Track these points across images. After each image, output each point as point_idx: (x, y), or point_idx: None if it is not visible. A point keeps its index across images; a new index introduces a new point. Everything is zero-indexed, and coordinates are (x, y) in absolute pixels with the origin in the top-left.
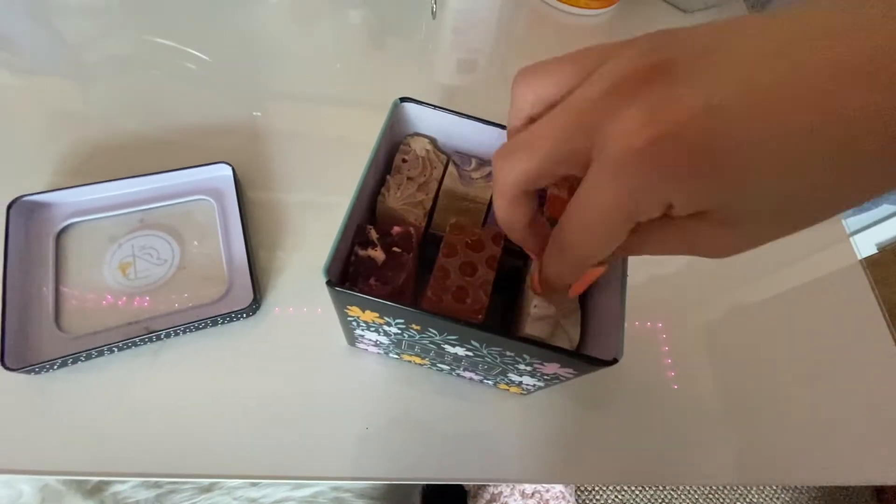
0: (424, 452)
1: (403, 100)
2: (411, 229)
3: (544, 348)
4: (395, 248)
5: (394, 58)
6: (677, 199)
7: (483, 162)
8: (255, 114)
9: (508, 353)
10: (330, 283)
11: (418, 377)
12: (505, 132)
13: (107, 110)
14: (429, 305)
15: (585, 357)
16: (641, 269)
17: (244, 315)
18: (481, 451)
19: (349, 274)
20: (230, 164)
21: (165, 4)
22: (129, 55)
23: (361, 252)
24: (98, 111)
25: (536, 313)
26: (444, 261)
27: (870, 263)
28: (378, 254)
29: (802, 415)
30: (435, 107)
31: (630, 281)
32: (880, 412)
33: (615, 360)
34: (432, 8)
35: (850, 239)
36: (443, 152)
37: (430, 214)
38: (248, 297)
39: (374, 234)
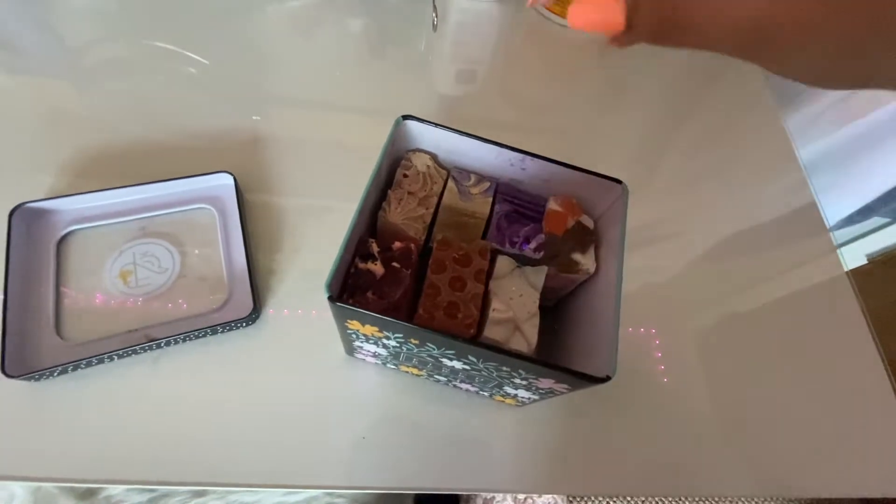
0: (420, 462)
1: (406, 117)
2: (411, 246)
3: (538, 364)
4: (394, 264)
5: (394, 67)
6: None
7: (482, 178)
8: (254, 118)
9: (504, 368)
10: (331, 299)
11: (415, 388)
12: (502, 150)
13: (108, 115)
14: (421, 322)
15: (578, 374)
16: (637, 277)
17: (244, 324)
18: (476, 462)
19: (348, 286)
20: (231, 174)
21: (168, 9)
22: (131, 59)
23: (361, 265)
24: (99, 116)
25: (495, 317)
26: (434, 277)
27: (860, 274)
28: (378, 268)
29: (792, 425)
30: (436, 125)
31: (625, 289)
32: (864, 422)
33: (608, 378)
34: (433, 21)
35: (838, 251)
36: (443, 167)
37: (430, 228)
38: (248, 306)
39: (374, 248)
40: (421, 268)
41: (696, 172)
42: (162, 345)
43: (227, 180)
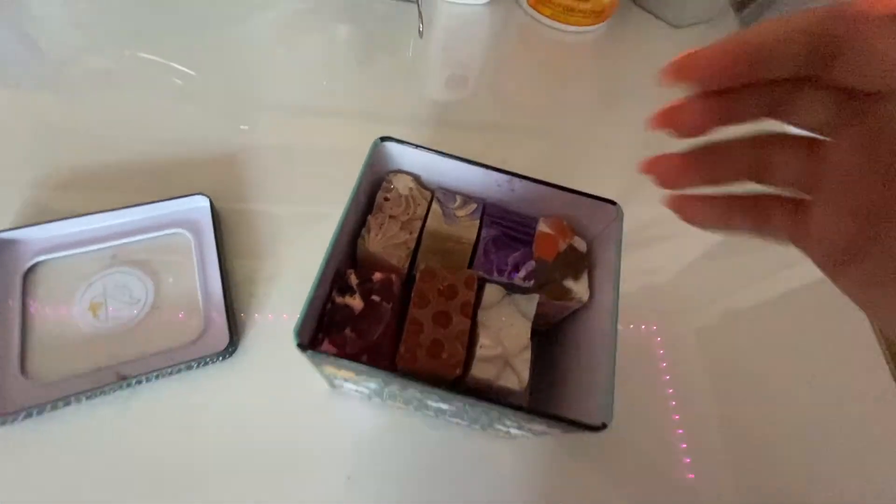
0: (408, 501)
1: (384, 139)
2: (392, 277)
3: (527, 413)
4: (374, 297)
5: (383, 74)
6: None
7: (468, 199)
8: (242, 127)
9: (492, 411)
10: (301, 347)
11: (403, 421)
12: (488, 171)
13: (78, 135)
14: (402, 362)
15: (570, 422)
16: (636, 277)
17: (220, 358)
18: (470, 499)
19: (324, 323)
20: (207, 196)
21: (150, 19)
22: (109, 71)
23: (339, 299)
24: (69, 138)
25: (483, 354)
26: (417, 312)
27: None
28: (356, 302)
29: (798, 438)
30: (416, 146)
31: (625, 288)
32: (868, 425)
33: (604, 426)
34: (419, 28)
35: None
36: (427, 188)
37: (414, 255)
38: (224, 339)
39: (353, 280)
40: (404, 297)
41: None
42: (133, 384)
43: (202, 203)
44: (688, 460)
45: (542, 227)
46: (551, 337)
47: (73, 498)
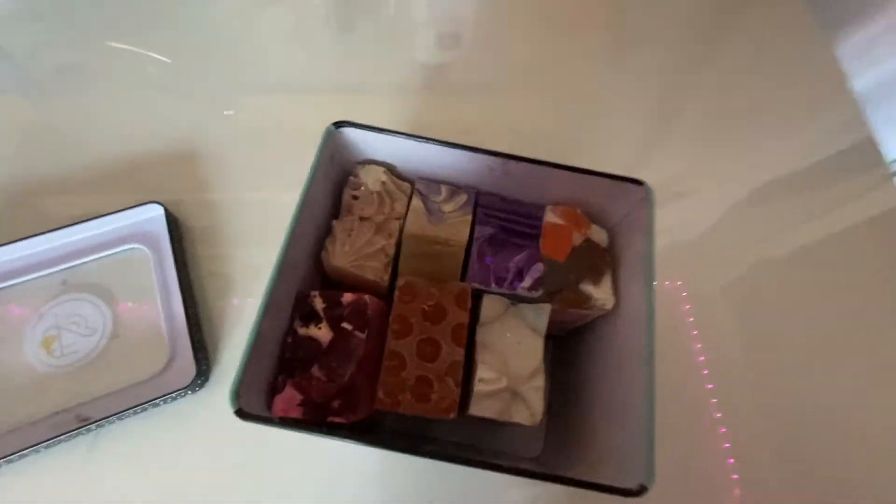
0: None
1: (340, 125)
2: (366, 298)
3: (542, 478)
4: (344, 325)
5: (364, 39)
6: None
7: (456, 189)
8: (226, 113)
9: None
10: (241, 414)
11: (399, 457)
12: (477, 155)
13: (46, 139)
14: (382, 406)
15: (599, 487)
16: (659, 235)
17: (189, 392)
18: None
19: (285, 360)
20: (161, 203)
21: (114, 6)
22: (75, 65)
23: (302, 330)
24: (35, 143)
25: (483, 389)
26: (396, 343)
27: None
28: (323, 333)
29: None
30: (381, 130)
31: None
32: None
33: (643, 489)
34: None
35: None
36: (405, 179)
37: (396, 263)
38: (191, 371)
39: (318, 304)
40: (385, 319)
41: (731, 113)
42: (94, 428)
43: (156, 211)
44: (719, 414)
45: (551, 218)
46: (571, 344)
47: None
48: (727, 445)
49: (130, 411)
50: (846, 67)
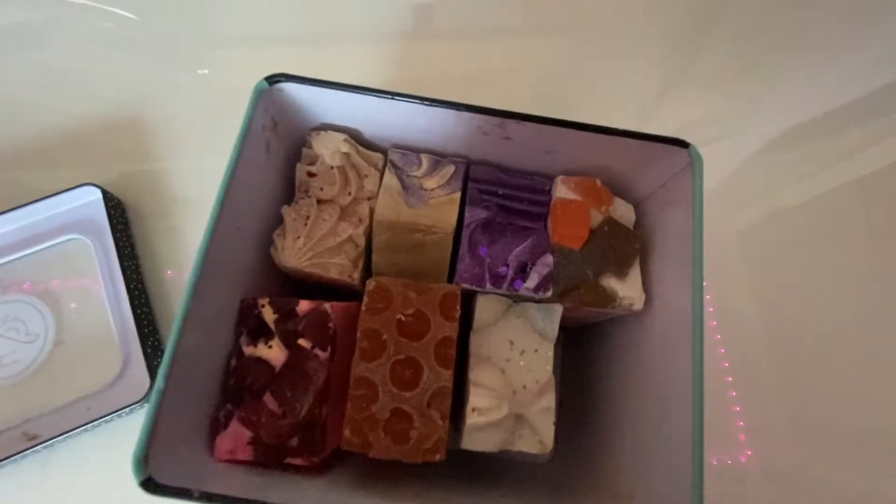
0: None
1: (273, 80)
2: (326, 307)
3: None
4: (301, 342)
5: None
6: None
7: (439, 160)
8: (200, 72)
9: None
10: (147, 485)
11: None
12: (464, 114)
13: None
14: (349, 448)
15: None
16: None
17: (145, 403)
18: None
19: (230, 388)
20: (98, 186)
21: None
22: (25, 23)
23: (249, 350)
24: None
25: (476, 422)
26: (364, 367)
27: None
28: (275, 353)
29: None
30: (338, 85)
31: None
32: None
33: None
34: None
35: None
36: (375, 149)
37: (369, 257)
38: (145, 380)
39: (268, 314)
40: (352, 333)
41: (756, 51)
42: (42, 448)
43: (92, 195)
44: (729, 379)
45: (562, 191)
46: (585, 339)
47: None
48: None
49: (82, 427)
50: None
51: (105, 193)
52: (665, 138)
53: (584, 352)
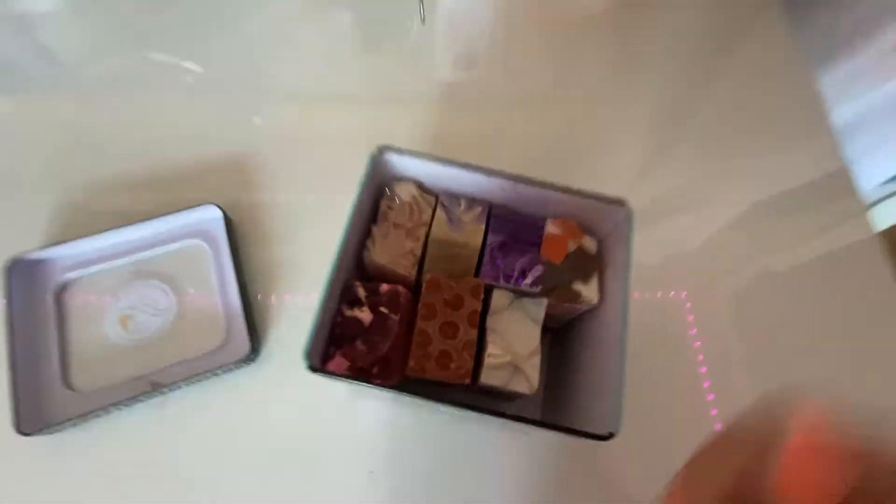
0: (430, 493)
1: (384, 150)
2: (399, 289)
3: (531, 423)
4: (382, 308)
5: (390, 57)
6: None
7: (473, 202)
8: (255, 120)
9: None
10: (312, 369)
11: (421, 417)
12: (490, 178)
13: (95, 145)
14: (412, 373)
15: (576, 432)
16: (664, 246)
17: (244, 364)
18: (488, 491)
19: (335, 336)
20: (219, 206)
21: (153, 18)
22: (118, 74)
23: (348, 312)
24: (86, 148)
25: (492, 362)
26: (424, 324)
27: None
28: (365, 314)
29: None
30: (415, 154)
31: (652, 258)
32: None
33: (610, 436)
34: (420, 12)
35: (869, 213)
36: (430, 193)
37: (422, 262)
38: (245, 347)
39: (361, 292)
40: (412, 307)
41: (722, 139)
42: (165, 391)
43: (214, 213)
44: (719, 426)
45: (551, 229)
46: (565, 334)
47: (117, 498)
48: None
49: (194, 379)
50: (828, 100)
51: (223, 211)
52: (611, 198)
53: (563, 340)
